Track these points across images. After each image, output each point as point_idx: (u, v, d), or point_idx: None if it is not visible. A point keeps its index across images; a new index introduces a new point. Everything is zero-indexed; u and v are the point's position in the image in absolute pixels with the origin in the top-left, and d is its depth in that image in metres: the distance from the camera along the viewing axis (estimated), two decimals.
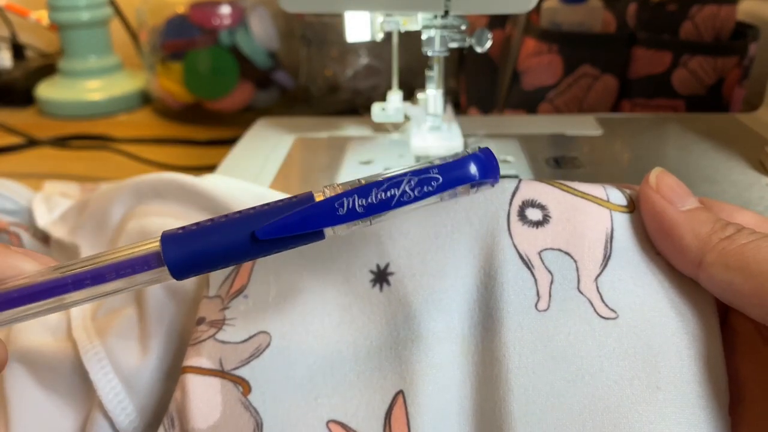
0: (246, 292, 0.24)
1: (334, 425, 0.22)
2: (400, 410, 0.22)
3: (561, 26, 0.62)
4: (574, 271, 0.22)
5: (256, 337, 0.23)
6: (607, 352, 0.21)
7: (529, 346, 0.22)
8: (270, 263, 0.25)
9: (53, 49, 0.91)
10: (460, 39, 0.38)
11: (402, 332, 0.23)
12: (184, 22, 0.71)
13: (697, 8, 0.57)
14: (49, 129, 0.71)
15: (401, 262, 0.24)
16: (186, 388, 0.22)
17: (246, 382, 0.23)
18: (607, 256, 0.23)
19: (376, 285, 0.24)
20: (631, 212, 0.23)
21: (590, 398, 0.21)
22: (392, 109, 0.45)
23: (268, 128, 0.53)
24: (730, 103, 0.59)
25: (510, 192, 0.24)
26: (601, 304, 0.22)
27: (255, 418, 0.22)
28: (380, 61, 0.72)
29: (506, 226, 0.23)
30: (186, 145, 0.67)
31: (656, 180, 0.23)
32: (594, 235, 0.23)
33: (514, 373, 0.21)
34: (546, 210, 0.23)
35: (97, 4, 0.78)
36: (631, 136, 0.50)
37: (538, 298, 0.22)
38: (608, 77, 0.59)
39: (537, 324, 0.22)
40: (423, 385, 0.22)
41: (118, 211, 0.36)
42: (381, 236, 0.24)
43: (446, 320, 0.23)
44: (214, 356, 0.23)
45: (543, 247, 0.23)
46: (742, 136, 0.49)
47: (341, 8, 0.36)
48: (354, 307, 0.24)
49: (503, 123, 0.55)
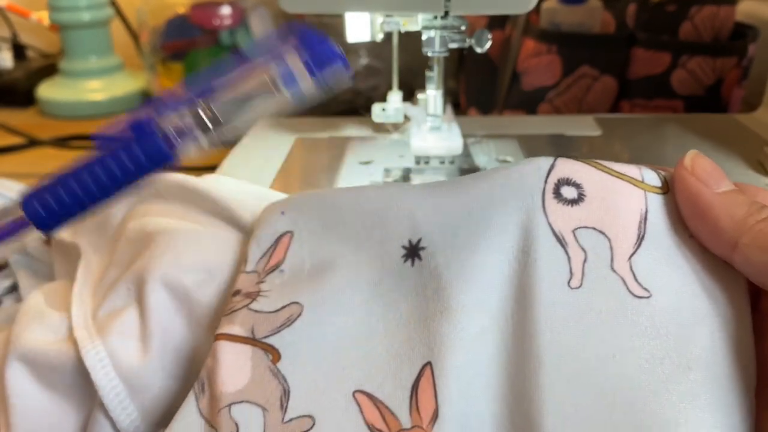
0: (282, 267, 0.25)
1: (360, 395, 0.22)
2: (427, 382, 0.22)
3: (560, 27, 0.62)
4: (607, 250, 0.23)
5: (288, 307, 0.24)
6: (639, 331, 0.21)
7: (560, 322, 0.22)
8: (306, 240, 0.26)
9: (54, 50, 0.91)
10: (460, 39, 0.38)
11: (431, 304, 0.23)
12: (185, 23, 0.71)
13: (696, 9, 0.58)
14: (50, 129, 0.71)
15: (433, 237, 0.24)
16: (217, 355, 0.23)
17: (276, 350, 0.23)
18: (641, 236, 0.23)
19: (408, 260, 0.24)
20: (665, 194, 0.23)
21: (621, 376, 0.21)
22: (392, 109, 0.45)
23: (269, 128, 0.53)
24: (729, 103, 0.59)
25: (546, 169, 0.24)
26: (634, 282, 0.22)
27: (283, 385, 0.23)
28: (380, 61, 0.72)
29: (541, 203, 0.23)
30: None
31: (691, 162, 0.23)
32: (628, 214, 0.23)
33: (546, 348, 0.21)
34: (581, 188, 0.23)
35: (98, 4, 0.78)
36: (630, 136, 0.50)
37: (571, 276, 0.22)
38: (607, 78, 0.59)
39: (569, 301, 0.22)
40: (451, 356, 0.22)
41: (119, 211, 0.36)
42: (414, 212, 0.24)
43: (477, 294, 0.23)
44: (247, 324, 0.24)
45: (577, 225, 0.23)
46: (741, 136, 0.50)
47: (341, 9, 0.37)
48: (384, 283, 0.24)
49: (503, 123, 0.55)
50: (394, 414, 0.22)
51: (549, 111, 0.61)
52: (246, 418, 0.22)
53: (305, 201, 0.26)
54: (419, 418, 0.22)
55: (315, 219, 0.26)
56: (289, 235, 0.26)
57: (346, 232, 0.25)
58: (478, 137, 0.49)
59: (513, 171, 0.24)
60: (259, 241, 0.26)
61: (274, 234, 0.26)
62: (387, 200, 0.25)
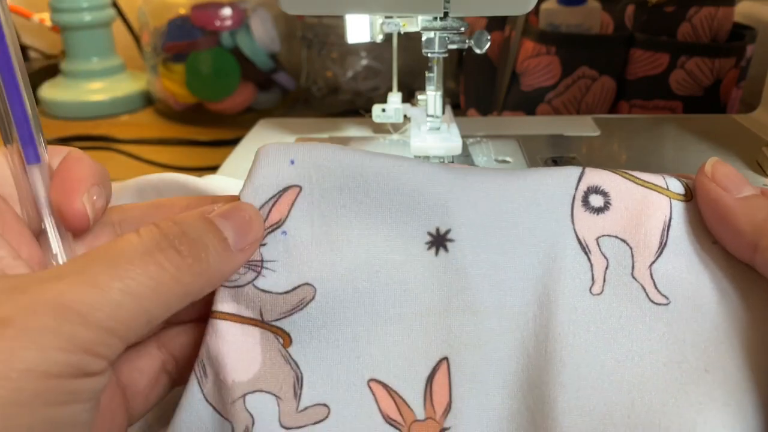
0: (285, 227, 0.22)
1: (375, 384, 0.22)
2: (443, 376, 0.22)
3: (559, 28, 0.62)
4: (629, 258, 0.23)
5: (300, 289, 0.22)
6: (657, 336, 0.22)
7: (582, 326, 0.22)
8: (317, 202, 0.23)
9: (56, 51, 0.91)
10: (460, 40, 0.38)
11: (454, 302, 0.23)
12: (186, 24, 0.71)
13: (695, 10, 0.58)
14: (52, 130, 0.71)
15: (464, 231, 0.23)
16: (223, 337, 0.21)
17: (287, 334, 0.22)
18: (662, 244, 0.23)
19: (432, 248, 0.23)
20: (688, 201, 0.24)
21: (639, 378, 0.21)
22: (392, 110, 0.46)
23: (270, 129, 0.54)
24: (727, 104, 0.60)
25: (576, 177, 0.24)
26: (654, 290, 0.23)
27: (295, 371, 0.22)
28: (380, 62, 0.72)
29: (569, 210, 0.24)
30: (188, 145, 0.68)
31: (711, 169, 0.24)
32: (652, 223, 0.24)
33: (567, 350, 0.22)
34: (608, 197, 0.24)
35: (100, 5, 0.78)
36: (629, 136, 0.51)
37: (593, 282, 0.23)
38: (606, 78, 0.60)
39: (591, 306, 0.23)
40: (469, 355, 0.22)
41: None
42: (447, 200, 0.23)
43: (501, 296, 0.23)
44: (254, 305, 0.22)
45: (601, 234, 0.24)
46: (740, 136, 0.50)
47: (341, 10, 0.37)
48: (406, 268, 0.23)
49: (502, 124, 0.55)
50: (409, 405, 0.22)
51: (548, 111, 0.62)
52: (261, 408, 0.21)
53: (323, 155, 0.23)
54: (433, 410, 0.22)
55: (332, 179, 0.23)
56: (296, 189, 0.23)
57: (368, 203, 0.23)
58: (478, 138, 0.49)
59: (546, 176, 0.24)
60: (256, 188, 0.23)
61: (277, 184, 0.23)
62: (420, 180, 0.23)
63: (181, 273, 0.19)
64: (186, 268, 0.19)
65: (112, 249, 0.19)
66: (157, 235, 0.19)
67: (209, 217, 0.21)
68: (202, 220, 0.21)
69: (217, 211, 0.21)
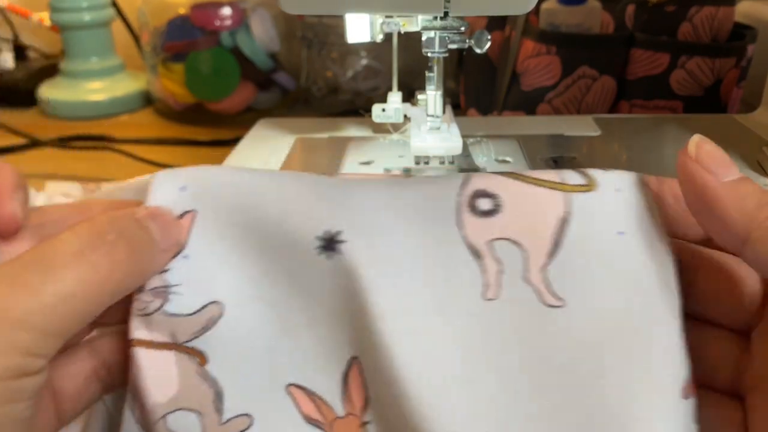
0: (186, 252, 0.23)
1: (294, 389, 0.23)
2: (356, 373, 0.23)
3: (560, 27, 0.62)
4: (521, 261, 0.23)
5: (208, 308, 0.23)
6: (551, 340, 0.22)
7: (477, 334, 0.22)
8: (212, 223, 0.23)
9: (55, 50, 0.91)
10: (460, 40, 0.38)
11: (352, 304, 0.23)
12: (186, 24, 0.71)
13: (695, 9, 0.58)
14: (51, 130, 0.71)
15: (354, 232, 0.23)
16: (139, 364, 0.22)
17: (201, 353, 0.22)
18: (556, 244, 0.23)
19: (323, 253, 0.23)
20: (590, 190, 0.23)
21: (536, 385, 0.21)
22: (392, 109, 0.45)
23: (269, 129, 0.53)
24: (728, 104, 0.60)
25: (459, 184, 0.24)
26: (547, 292, 0.22)
27: (214, 387, 0.22)
28: (380, 62, 0.72)
29: (455, 216, 0.23)
30: (188, 145, 0.67)
31: (696, 148, 0.21)
32: (544, 222, 0.23)
33: (462, 360, 0.22)
34: (497, 199, 0.23)
35: (99, 5, 0.78)
36: (629, 136, 0.51)
37: (487, 288, 0.23)
38: (606, 78, 0.59)
39: (485, 312, 0.22)
40: (376, 354, 0.22)
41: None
42: (335, 204, 0.23)
43: (396, 301, 0.22)
44: (165, 330, 0.22)
45: (493, 237, 0.23)
46: (740, 136, 0.50)
47: (341, 10, 0.37)
48: (301, 274, 0.23)
49: (502, 124, 0.55)
50: (328, 404, 0.23)
51: (548, 111, 0.61)
52: (183, 425, 0.22)
53: (212, 177, 0.24)
54: (352, 406, 0.23)
55: (224, 200, 0.23)
56: (191, 214, 0.23)
57: (258, 218, 0.23)
58: (478, 137, 0.49)
59: (431, 185, 0.24)
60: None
61: (173, 211, 0.23)
62: (305, 190, 0.23)
63: (113, 270, 0.20)
64: (119, 264, 0.20)
65: (44, 251, 0.19)
66: (92, 232, 0.20)
67: (137, 217, 0.22)
68: (132, 219, 0.22)
69: (143, 211, 0.22)
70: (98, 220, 0.21)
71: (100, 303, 0.20)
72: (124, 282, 0.21)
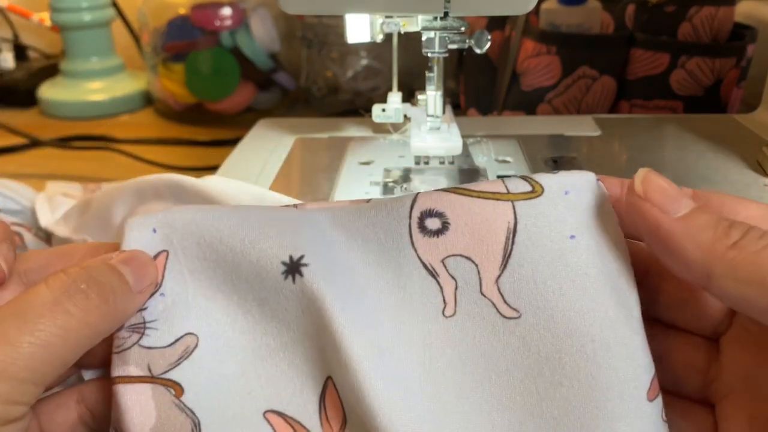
0: (162, 290, 0.24)
1: (271, 415, 0.23)
2: (332, 393, 0.23)
3: (560, 27, 0.62)
4: (475, 275, 0.23)
5: (183, 339, 0.23)
6: (511, 352, 0.22)
7: (438, 350, 0.23)
8: (183, 260, 0.24)
9: (55, 50, 0.91)
10: (460, 40, 0.38)
11: (319, 322, 0.23)
12: (186, 24, 0.71)
13: (695, 9, 0.58)
14: (51, 130, 0.71)
15: (315, 257, 0.23)
16: (118, 399, 0.22)
17: (177, 384, 0.23)
18: (507, 254, 0.23)
19: (288, 277, 0.23)
20: (537, 196, 0.23)
21: (498, 398, 0.22)
22: (392, 109, 0.45)
23: (269, 129, 0.53)
24: (728, 103, 0.60)
25: (408, 205, 0.24)
26: (504, 304, 0.22)
27: (192, 418, 0.22)
28: (380, 62, 0.72)
29: (409, 239, 0.24)
30: (187, 145, 0.67)
31: (642, 185, 0.21)
32: (493, 235, 0.23)
33: (425, 376, 0.22)
34: (444, 217, 0.24)
35: (99, 5, 0.78)
36: (629, 136, 0.51)
37: (445, 305, 0.23)
38: (606, 78, 0.59)
39: (444, 329, 0.23)
40: (344, 377, 0.22)
41: (121, 211, 0.36)
42: (296, 230, 0.24)
43: (358, 322, 0.23)
44: (142, 363, 0.23)
45: (445, 255, 0.23)
46: (740, 136, 0.50)
47: (341, 10, 0.37)
48: (271, 300, 0.24)
49: (502, 124, 0.55)
50: (306, 428, 0.23)
51: (548, 111, 0.61)
52: None
53: (179, 217, 0.25)
54: (329, 427, 0.23)
55: (191, 237, 0.24)
56: (164, 254, 0.24)
57: (223, 251, 0.24)
58: (478, 138, 0.49)
59: (382, 210, 0.24)
60: None
61: (147, 252, 0.24)
62: (267, 220, 0.24)
63: (88, 315, 0.21)
64: (93, 310, 0.21)
65: (21, 303, 0.20)
66: (66, 282, 0.21)
67: (111, 263, 0.22)
68: (105, 265, 0.22)
69: (117, 257, 0.23)
70: (71, 270, 0.21)
71: (77, 348, 0.20)
72: (99, 326, 0.21)
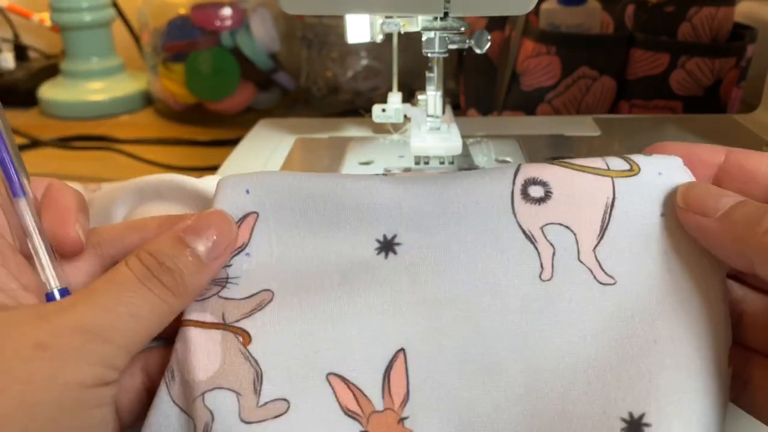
0: (248, 250, 0.25)
1: (333, 378, 0.23)
2: (400, 368, 0.23)
3: (559, 28, 0.62)
4: (574, 243, 0.24)
5: (259, 294, 0.24)
6: (606, 315, 0.23)
7: (534, 312, 0.23)
8: (273, 224, 0.25)
9: (56, 51, 0.91)
10: (460, 40, 0.38)
11: (405, 296, 0.24)
12: (186, 24, 0.71)
13: (695, 10, 0.58)
14: (51, 130, 0.71)
15: (409, 234, 0.25)
16: (188, 342, 0.23)
17: (246, 332, 0.24)
18: (604, 226, 0.24)
19: (381, 253, 0.25)
20: (635, 175, 0.25)
21: (594, 357, 0.22)
22: (392, 110, 0.46)
23: (269, 129, 0.53)
24: (728, 104, 0.60)
25: (512, 173, 0.25)
26: (600, 271, 0.24)
27: (255, 368, 0.23)
28: (380, 62, 0.72)
29: (510, 205, 0.25)
30: (188, 145, 0.67)
31: (682, 198, 0.23)
32: (592, 207, 0.24)
33: (522, 337, 0.23)
34: (548, 186, 0.25)
35: (99, 5, 0.78)
36: (629, 136, 0.51)
37: (542, 269, 0.24)
38: (606, 78, 0.60)
39: (541, 292, 0.24)
40: (425, 345, 0.23)
41: (121, 211, 0.36)
42: (391, 209, 0.25)
43: (451, 289, 0.24)
44: (217, 311, 0.24)
45: (545, 222, 0.24)
46: (740, 136, 0.50)
47: (342, 10, 0.37)
48: (355, 271, 0.25)
49: (502, 124, 0.55)
50: (368, 397, 0.23)
51: (548, 111, 0.61)
52: (220, 404, 0.22)
53: (274, 182, 0.25)
54: (391, 401, 0.23)
55: (284, 203, 0.25)
56: (254, 215, 0.25)
57: (317, 221, 0.25)
58: (478, 138, 0.49)
59: (484, 176, 0.25)
60: None
61: (237, 213, 0.25)
62: (365, 193, 0.25)
63: (166, 297, 0.22)
64: (169, 293, 0.23)
65: (112, 280, 0.22)
66: (142, 267, 0.23)
67: (181, 236, 0.23)
68: (174, 244, 0.23)
69: (187, 226, 0.24)
70: (144, 254, 0.23)
71: (160, 322, 0.23)
72: (177, 304, 0.23)
